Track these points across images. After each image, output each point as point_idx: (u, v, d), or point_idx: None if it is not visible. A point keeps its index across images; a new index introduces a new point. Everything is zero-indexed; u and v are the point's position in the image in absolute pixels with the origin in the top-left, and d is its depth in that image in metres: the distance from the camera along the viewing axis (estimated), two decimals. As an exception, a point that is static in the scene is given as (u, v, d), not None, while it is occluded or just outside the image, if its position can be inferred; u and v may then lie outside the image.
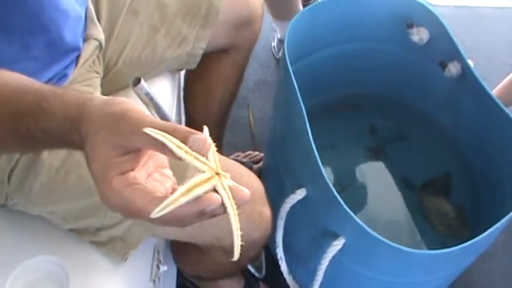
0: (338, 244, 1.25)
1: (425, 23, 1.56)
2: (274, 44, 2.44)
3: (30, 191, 1.03)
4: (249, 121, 2.18)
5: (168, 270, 1.28)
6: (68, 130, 0.64)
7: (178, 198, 0.55)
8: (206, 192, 0.57)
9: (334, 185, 1.19)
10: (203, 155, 0.58)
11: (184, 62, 1.43)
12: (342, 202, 1.17)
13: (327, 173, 1.23)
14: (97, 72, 1.25)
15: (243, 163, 1.76)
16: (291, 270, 1.42)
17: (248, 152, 2.01)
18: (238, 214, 1.13)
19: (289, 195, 1.31)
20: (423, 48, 1.60)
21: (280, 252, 1.39)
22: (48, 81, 1.05)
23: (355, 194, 1.74)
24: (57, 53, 1.06)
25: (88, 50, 1.18)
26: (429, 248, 1.18)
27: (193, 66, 1.45)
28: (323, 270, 1.30)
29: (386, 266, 1.31)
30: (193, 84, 1.65)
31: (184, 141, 0.57)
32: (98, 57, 1.24)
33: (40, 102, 0.67)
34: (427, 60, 1.63)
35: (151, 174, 0.64)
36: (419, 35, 1.57)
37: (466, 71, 1.50)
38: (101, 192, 0.60)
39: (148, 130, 0.57)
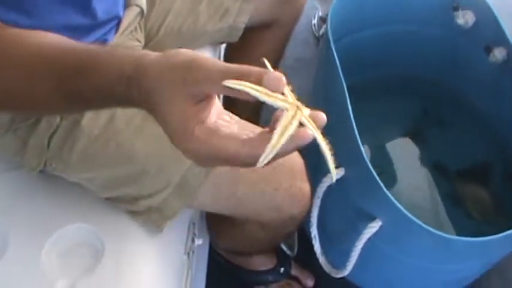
0: (374, 226, 1.24)
1: (472, 6, 1.53)
2: (315, 21, 2.42)
3: (69, 157, 1.03)
4: (287, 98, 2.16)
5: (201, 243, 1.27)
6: (124, 87, 0.63)
7: (277, 144, 0.56)
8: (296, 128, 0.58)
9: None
10: (280, 92, 0.59)
11: (225, 35, 1.41)
12: (382, 184, 1.15)
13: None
14: (138, 41, 1.24)
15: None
16: (323, 250, 1.41)
17: (285, 130, 1.99)
18: (276, 189, 1.12)
19: (326, 174, 1.29)
20: (468, 32, 1.57)
21: (314, 231, 1.38)
22: None
23: (389, 177, 1.72)
24: (94, 23, 1.04)
25: (129, 17, 1.17)
26: (462, 235, 1.16)
27: (235, 39, 1.43)
28: (357, 251, 1.29)
29: (422, 251, 1.30)
30: (233, 58, 1.62)
31: (259, 81, 0.57)
32: (139, 24, 1.23)
33: (89, 61, 0.66)
34: (472, 44, 1.60)
35: (220, 116, 0.64)
36: (465, 18, 1.54)
37: (511, 56, 1.47)
38: (184, 146, 0.59)
39: (228, 82, 0.56)
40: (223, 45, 1.61)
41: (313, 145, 0.57)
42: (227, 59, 1.66)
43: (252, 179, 1.09)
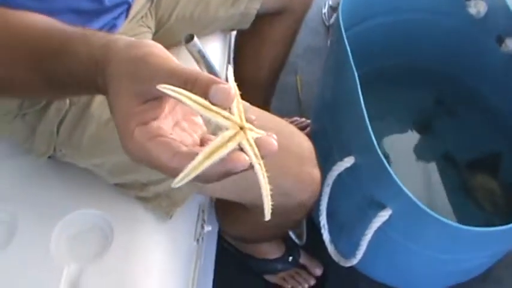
0: (384, 215, 1.23)
1: (484, -5, 1.52)
2: (325, 10, 2.42)
3: (78, 143, 1.03)
4: (297, 87, 2.16)
5: (210, 230, 1.27)
6: (93, 73, 0.60)
7: (200, 165, 0.50)
8: (231, 152, 0.52)
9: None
10: (226, 108, 0.53)
11: (236, 22, 1.41)
12: (392, 172, 1.14)
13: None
14: (149, 27, 1.23)
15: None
16: (333, 239, 1.40)
17: (294, 118, 1.99)
18: (285, 173, 1.11)
19: (336, 162, 1.29)
20: (480, 22, 1.56)
21: (323, 220, 1.37)
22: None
23: (398, 167, 1.72)
24: (102, 8, 1.04)
25: (139, 3, 1.17)
26: (472, 225, 1.15)
27: (246, 26, 1.43)
28: (367, 240, 1.28)
29: (432, 240, 1.29)
30: (243, 46, 1.62)
31: (205, 91, 0.52)
32: (150, 10, 1.23)
33: (65, 44, 0.64)
34: (483, 34, 1.59)
35: (179, 123, 0.61)
36: (477, 7, 1.53)
37: (524, 47, 1.46)
38: (122, 143, 0.56)
39: (161, 87, 0.52)
40: (234, 33, 1.61)
41: (322, 133, 0.54)
42: (238, 47, 1.65)
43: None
